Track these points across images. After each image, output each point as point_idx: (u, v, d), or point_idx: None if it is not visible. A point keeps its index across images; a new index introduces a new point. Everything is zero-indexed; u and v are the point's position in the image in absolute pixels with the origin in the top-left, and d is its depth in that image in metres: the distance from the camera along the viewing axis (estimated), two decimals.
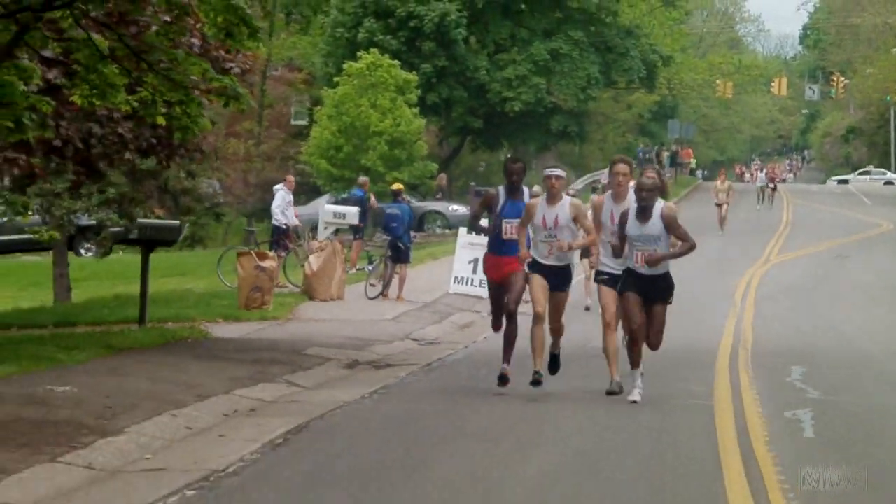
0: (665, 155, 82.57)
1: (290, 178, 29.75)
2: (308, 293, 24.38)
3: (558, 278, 14.18)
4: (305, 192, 49.47)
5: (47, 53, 19.25)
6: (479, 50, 55.34)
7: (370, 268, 26.74)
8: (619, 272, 13.97)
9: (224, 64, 21.10)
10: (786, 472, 9.50)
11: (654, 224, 13.44)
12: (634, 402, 13.24)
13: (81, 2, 16.99)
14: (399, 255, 25.09)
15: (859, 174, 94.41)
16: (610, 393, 13.69)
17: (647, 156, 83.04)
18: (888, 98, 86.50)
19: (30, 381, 12.82)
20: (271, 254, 24.34)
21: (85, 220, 33.22)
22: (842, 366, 17.17)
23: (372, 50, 45.52)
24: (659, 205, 13.57)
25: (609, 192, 14.87)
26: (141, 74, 18.69)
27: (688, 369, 15.67)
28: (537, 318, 14.07)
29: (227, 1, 17.82)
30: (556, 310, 14.31)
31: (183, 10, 18.37)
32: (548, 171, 14.46)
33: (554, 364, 14.57)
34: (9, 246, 39.00)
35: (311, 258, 24.67)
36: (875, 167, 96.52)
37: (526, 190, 14.68)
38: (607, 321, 14.23)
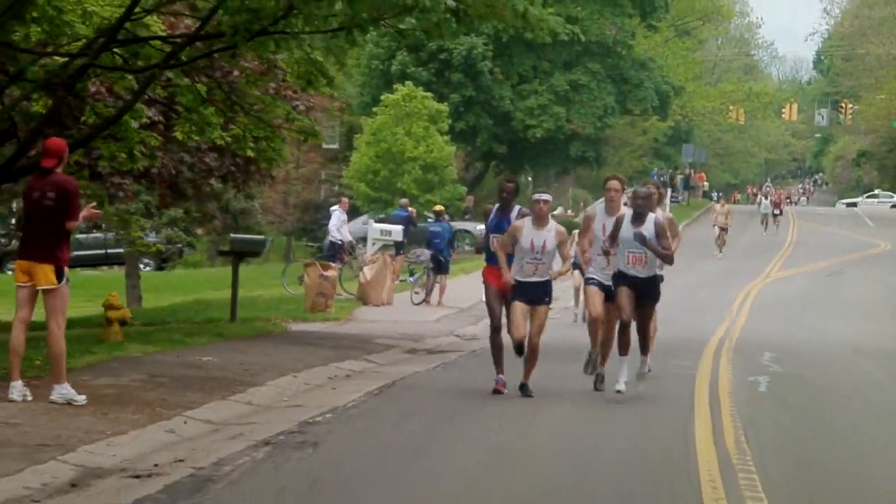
0: (679, 178, 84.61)
1: (345, 200, 33.59)
2: (362, 299, 28.02)
3: (539, 293, 14.37)
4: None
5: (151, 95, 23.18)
6: (504, 81, 57.33)
7: (412, 279, 30.54)
8: (604, 281, 14.68)
9: (292, 102, 25.10)
10: (738, 410, 13.45)
11: (647, 229, 14.02)
12: (619, 391, 13.95)
13: (192, 61, 20.89)
14: (440, 267, 28.66)
15: (867, 197, 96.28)
16: (592, 373, 14.79)
17: (662, 179, 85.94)
18: (894, 124, 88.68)
19: (179, 354, 16.83)
20: (333, 265, 28.15)
21: (153, 237, 37.14)
22: (808, 354, 20.62)
23: (406, 82, 48.87)
24: (653, 214, 14.17)
25: (602, 205, 15.35)
26: (234, 114, 22.63)
27: (681, 352, 18.96)
28: (519, 342, 14.28)
29: (309, 56, 21.73)
30: (538, 323, 14.42)
31: (272, 63, 22.30)
32: (535, 196, 14.64)
33: (524, 391, 14.45)
34: (82, 260, 42.72)
35: (365, 269, 28.42)
36: (883, 191, 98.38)
37: (516, 208, 14.92)
38: (593, 316, 14.96)
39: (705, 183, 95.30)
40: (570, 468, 10.33)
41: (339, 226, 30.96)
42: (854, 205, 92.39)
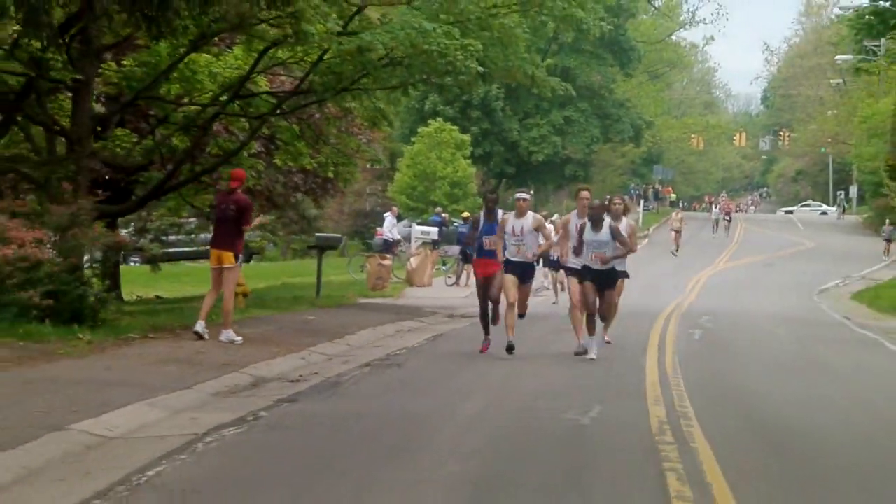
0: (650, 191, 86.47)
1: (395, 208, 36.44)
2: (409, 282, 30.74)
3: (524, 272, 15.07)
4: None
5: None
6: (512, 116, 58.97)
7: (445, 267, 33.20)
8: (579, 266, 14.98)
9: (358, 136, 27.68)
10: (676, 348, 16.13)
11: (604, 232, 14.50)
12: (592, 359, 14.39)
13: (293, 111, 23.52)
14: (466, 258, 31.09)
15: (802, 206, 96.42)
16: (577, 353, 14.99)
17: (638, 192, 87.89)
18: (822, 149, 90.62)
19: (289, 316, 19.64)
20: (388, 256, 30.98)
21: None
22: (733, 316, 23.06)
23: (438, 118, 51.50)
24: (607, 219, 14.68)
25: (575, 211, 15.68)
26: (319, 147, 25.29)
27: (641, 318, 21.05)
28: (510, 306, 14.88)
29: (375, 104, 24.32)
30: (523, 297, 15.14)
31: (347, 110, 24.97)
32: (517, 195, 15.27)
33: (510, 350, 14.85)
34: (177, 256, 44.84)
35: (412, 259, 31.19)
36: (814, 201, 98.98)
37: (500, 212, 15.35)
38: (573, 302, 15.51)
39: (672, 195, 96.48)
40: (561, 379, 13.01)
41: (390, 227, 33.76)
42: (791, 212, 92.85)
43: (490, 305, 15.53)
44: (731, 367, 14.66)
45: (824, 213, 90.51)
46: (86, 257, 17.36)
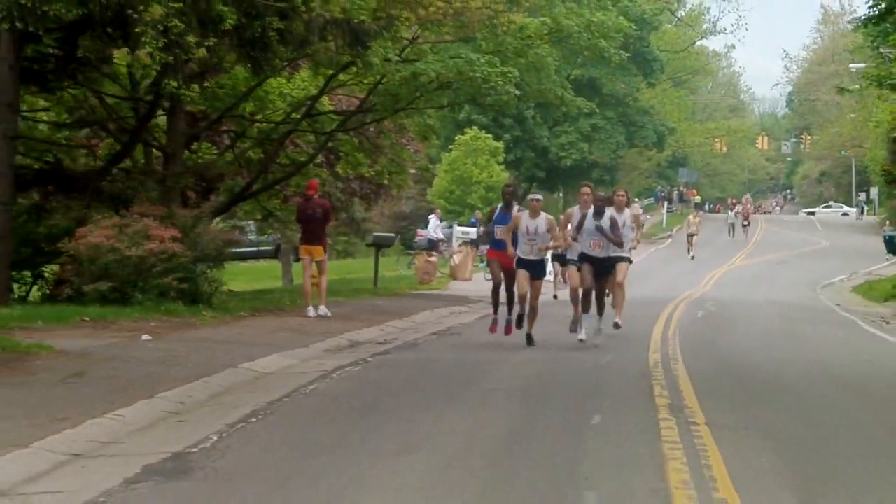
0: (675, 193, 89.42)
1: (438, 210, 40.23)
2: (453, 276, 34.39)
3: (536, 269, 15.66)
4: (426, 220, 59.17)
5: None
6: (542, 124, 61.24)
7: (483, 264, 36.83)
8: (589, 255, 15.73)
9: (406, 146, 31.41)
10: (680, 324, 19.83)
11: (604, 222, 15.58)
12: (581, 340, 15.59)
13: (356, 128, 27.27)
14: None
15: (823, 207, 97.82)
16: (573, 325, 16.32)
17: (663, 194, 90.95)
18: (842, 152, 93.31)
19: (359, 302, 23.46)
20: (434, 253, 34.79)
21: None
22: (738, 303, 26.36)
23: (473, 127, 55.07)
24: (610, 211, 15.69)
25: (578, 206, 16.53)
26: (376, 157, 29.04)
27: (654, 305, 24.05)
28: (522, 299, 15.56)
29: (426, 121, 28.08)
30: (535, 292, 15.66)
31: (402, 125, 28.74)
32: (530, 197, 15.93)
33: (529, 341, 15.69)
34: (244, 255, 48.69)
35: (455, 256, 34.96)
36: (835, 202, 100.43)
37: (516, 206, 16.13)
38: (573, 286, 16.71)
39: (697, 197, 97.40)
40: (584, 349, 16.68)
41: (434, 228, 37.57)
42: (813, 213, 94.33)
43: (515, 300, 15.95)
44: (720, 334, 18.38)
45: (845, 214, 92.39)
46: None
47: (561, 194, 75.30)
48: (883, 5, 23.72)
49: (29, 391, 10.35)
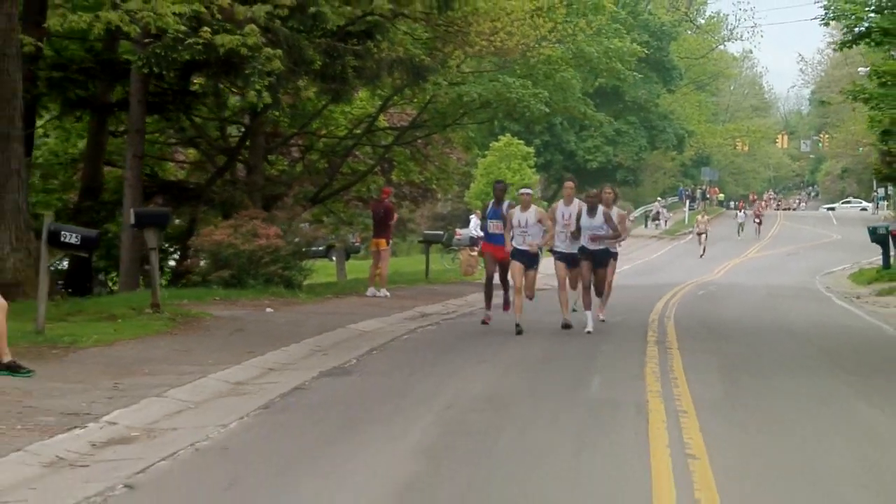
0: (698, 192, 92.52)
1: (478, 211, 44.85)
2: None
3: (529, 259, 16.31)
4: (462, 221, 63.81)
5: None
6: (570, 129, 65.10)
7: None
8: (566, 251, 16.68)
9: (448, 155, 36.17)
10: (681, 300, 24.48)
11: (598, 218, 16.29)
12: (589, 332, 16.06)
13: (409, 142, 32.00)
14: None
15: (843, 203, 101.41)
16: (564, 326, 16.62)
17: (687, 193, 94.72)
18: (860, 150, 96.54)
19: (416, 288, 28.19)
20: (475, 248, 39.44)
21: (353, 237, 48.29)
22: (738, 286, 30.72)
23: (506, 134, 59.38)
24: (602, 207, 16.37)
25: (562, 200, 17.10)
26: (425, 165, 33.84)
27: (664, 288, 28.69)
28: (517, 290, 16.31)
29: (466, 135, 32.81)
30: (529, 282, 16.41)
31: (448, 138, 33.53)
32: (521, 191, 16.87)
33: (519, 332, 16.12)
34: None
35: None
36: (855, 198, 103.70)
37: (506, 202, 16.85)
38: (559, 282, 17.11)
39: (720, 195, 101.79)
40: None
41: (475, 227, 42.19)
42: (832, 209, 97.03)
43: (509, 289, 17.16)
44: (711, 306, 23.06)
45: (864, 209, 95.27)
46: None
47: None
48: (857, 30, 28.11)
49: (213, 339, 15.12)
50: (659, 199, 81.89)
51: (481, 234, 43.67)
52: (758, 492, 6.83)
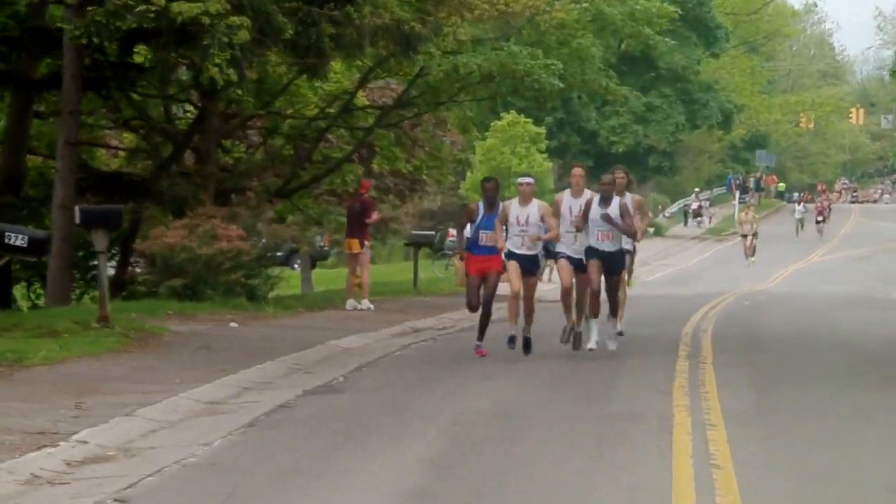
0: (751, 181, 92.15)
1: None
2: None
3: (529, 264, 16.41)
4: (456, 219, 64.54)
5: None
6: (589, 104, 65.58)
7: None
8: (573, 255, 16.50)
9: (441, 138, 37.46)
10: (723, 309, 26.07)
11: (612, 209, 15.98)
12: (591, 349, 16.47)
13: (395, 123, 33.23)
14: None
15: None
16: (564, 334, 17.33)
17: (737, 181, 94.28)
18: None
19: (404, 300, 29.68)
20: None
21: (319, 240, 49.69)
22: (788, 295, 32.39)
23: (510, 111, 60.19)
24: (618, 197, 16.17)
25: (568, 190, 16.83)
26: (413, 151, 35.13)
27: (699, 299, 29.78)
28: (514, 296, 16.52)
29: (463, 114, 34.19)
30: (529, 291, 16.57)
31: (442, 119, 34.90)
32: (520, 180, 16.94)
33: (527, 346, 16.71)
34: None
35: None
36: None
37: (500, 204, 16.51)
38: (564, 287, 16.91)
39: (779, 184, 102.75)
40: (630, 316, 22.81)
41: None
42: None
43: (481, 307, 16.94)
44: (756, 315, 24.76)
45: None
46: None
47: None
48: None
49: (176, 357, 16.65)
50: (696, 190, 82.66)
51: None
52: (784, 501, 8.32)
